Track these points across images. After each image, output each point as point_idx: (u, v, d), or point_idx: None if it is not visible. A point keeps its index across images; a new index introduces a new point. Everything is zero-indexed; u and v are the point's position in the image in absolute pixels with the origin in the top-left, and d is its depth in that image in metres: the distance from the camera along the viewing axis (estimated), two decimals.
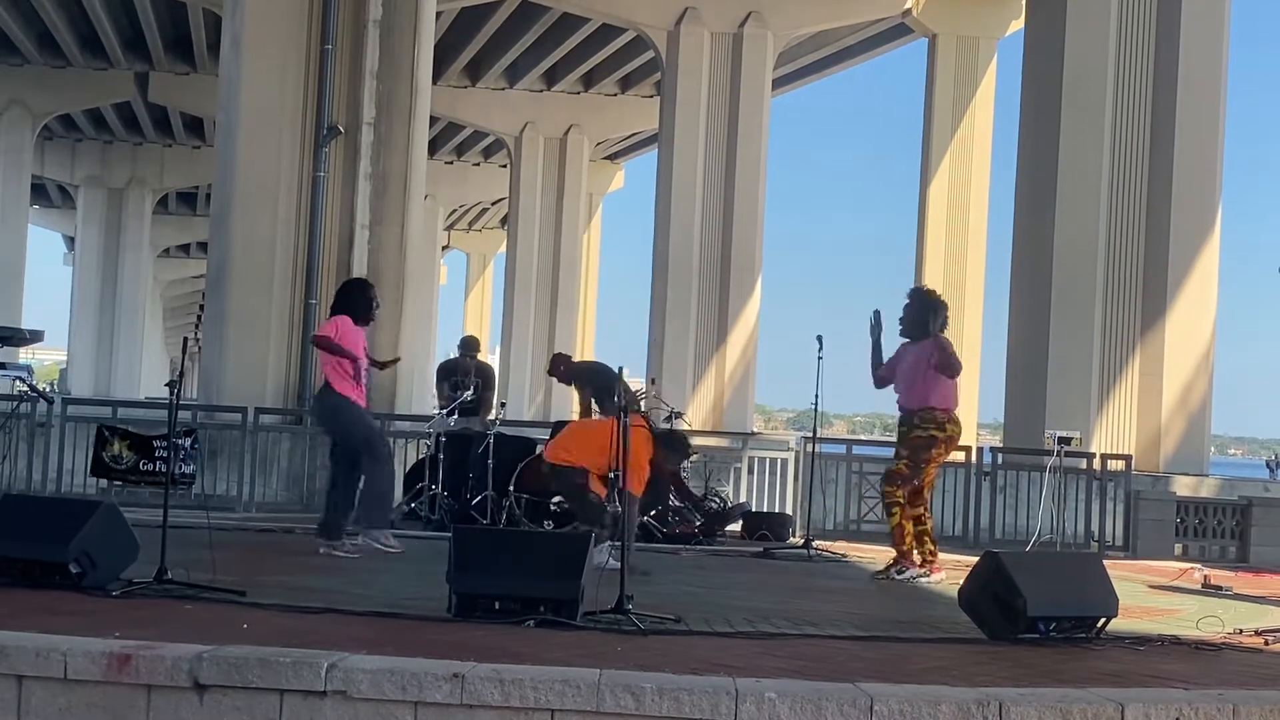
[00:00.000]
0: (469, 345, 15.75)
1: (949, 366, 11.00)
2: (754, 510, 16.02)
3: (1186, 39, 18.02)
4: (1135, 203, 18.05)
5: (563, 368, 15.43)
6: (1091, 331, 17.97)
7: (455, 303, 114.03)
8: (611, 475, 10.96)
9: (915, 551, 11.25)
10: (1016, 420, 18.56)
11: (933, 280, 30.07)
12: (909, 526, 11.22)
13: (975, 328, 30.73)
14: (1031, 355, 18.38)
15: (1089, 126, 18.06)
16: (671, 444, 11.94)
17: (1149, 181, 18.06)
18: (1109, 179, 18.05)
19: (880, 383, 11.42)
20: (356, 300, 11.32)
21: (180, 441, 12.96)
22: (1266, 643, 8.17)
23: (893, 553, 11.43)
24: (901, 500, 11.21)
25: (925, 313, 11.25)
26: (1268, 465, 42.67)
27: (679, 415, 15.37)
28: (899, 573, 11.10)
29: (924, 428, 11.10)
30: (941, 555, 13.43)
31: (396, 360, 12.57)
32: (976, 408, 30.63)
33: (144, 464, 13.60)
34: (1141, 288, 18.02)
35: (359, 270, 17.63)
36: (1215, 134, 18.26)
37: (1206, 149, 18.17)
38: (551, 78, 38.67)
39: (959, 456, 16.38)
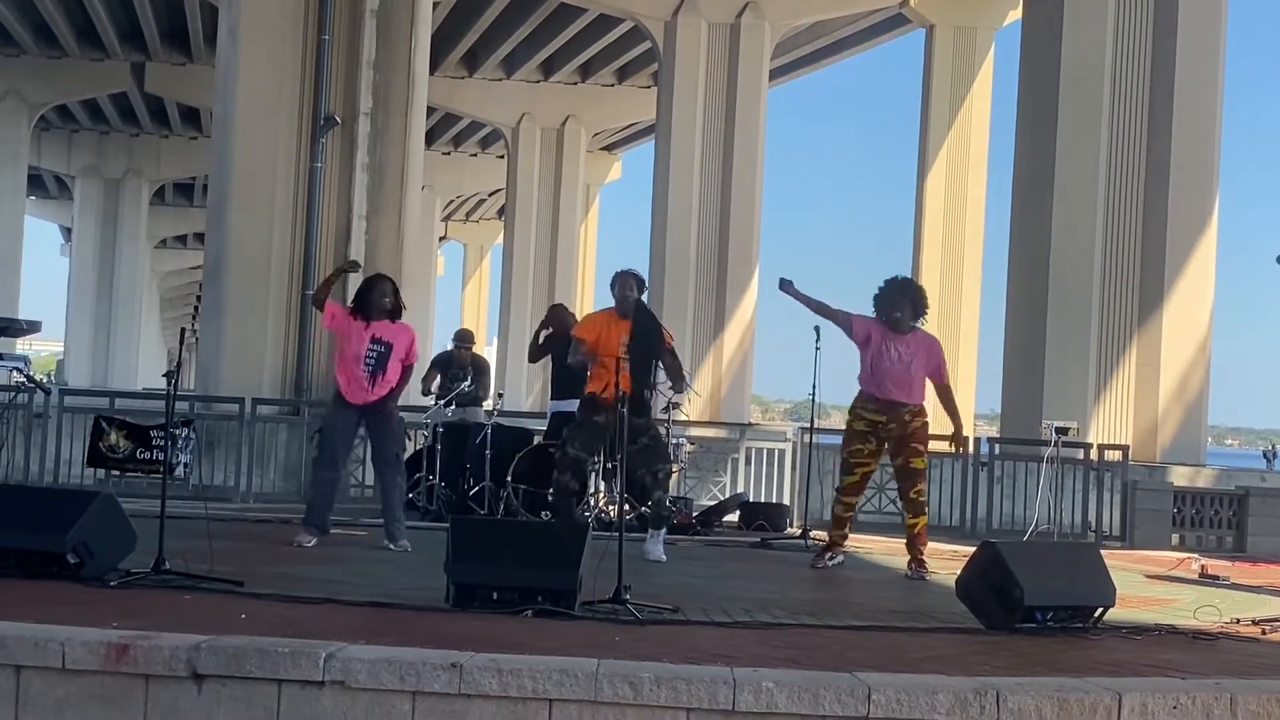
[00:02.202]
0: (463, 338, 15.70)
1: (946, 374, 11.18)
2: (751, 501, 16.02)
3: (1184, 29, 18.00)
4: (1133, 193, 18.04)
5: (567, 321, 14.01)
6: (1089, 322, 17.97)
7: (452, 293, 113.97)
8: (610, 465, 10.98)
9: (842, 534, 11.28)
10: (1014, 411, 18.57)
11: (930, 270, 30.12)
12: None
13: (972, 318, 30.74)
14: (1029, 346, 18.38)
15: (1086, 117, 18.05)
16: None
17: (1146, 172, 18.04)
18: (1106, 170, 18.04)
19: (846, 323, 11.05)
20: (360, 295, 11.30)
21: (177, 432, 12.95)
22: (1264, 632, 8.18)
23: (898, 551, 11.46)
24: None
25: (921, 302, 11.15)
26: (1264, 455, 42.68)
27: (676, 406, 15.35)
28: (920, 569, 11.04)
29: (919, 418, 11.05)
30: (939, 545, 13.49)
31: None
32: (974, 398, 30.65)
33: (141, 454, 13.57)
34: (1139, 278, 18.01)
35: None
36: (1213, 124, 18.25)
37: (1204, 139, 18.16)
38: (549, 68, 38.65)
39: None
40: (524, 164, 40.86)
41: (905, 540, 11.11)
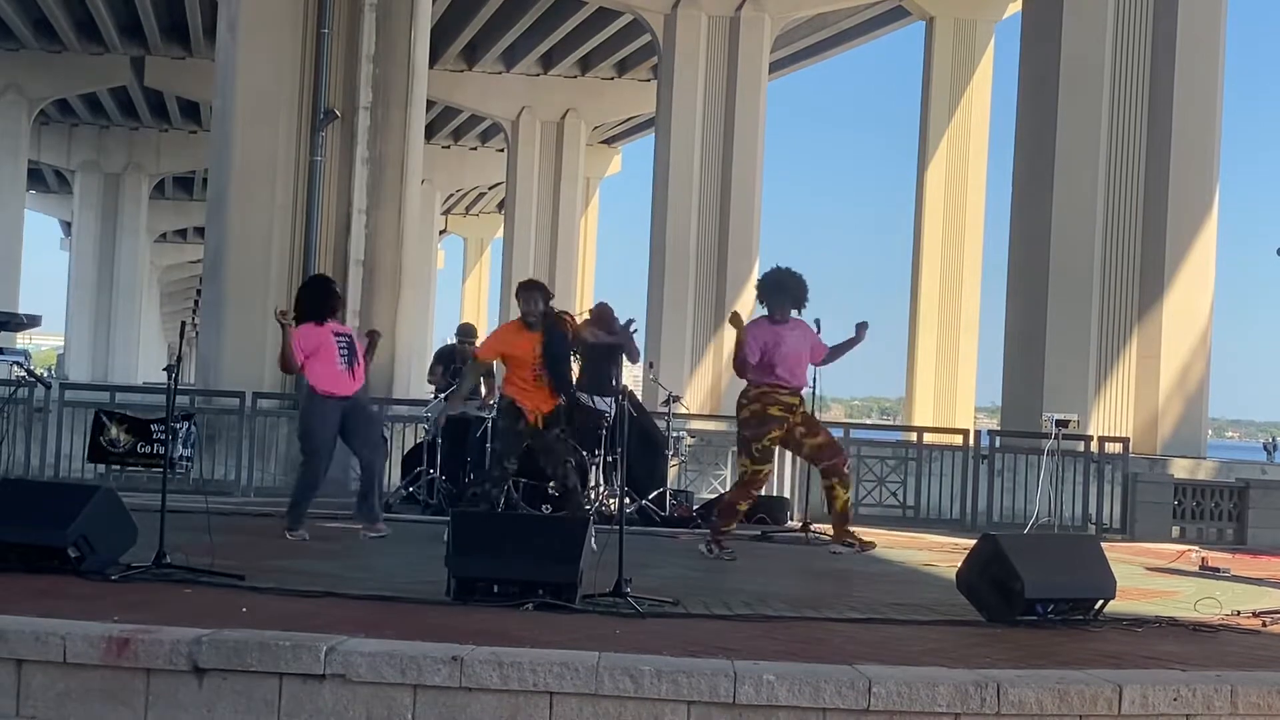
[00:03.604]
0: (466, 332, 15.86)
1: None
2: None
3: (1184, 19, 17.99)
4: (1133, 185, 18.04)
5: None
6: (1089, 314, 17.97)
7: (453, 287, 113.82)
8: (610, 459, 11.00)
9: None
10: (1014, 403, 18.57)
11: (930, 263, 30.08)
12: None
13: (973, 311, 30.70)
14: (1029, 338, 18.38)
15: (1086, 109, 18.04)
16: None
17: (1146, 164, 18.04)
18: (1106, 162, 18.03)
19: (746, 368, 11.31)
20: (302, 302, 11.38)
21: (178, 426, 12.97)
22: (1264, 624, 8.19)
23: (856, 532, 11.63)
24: None
25: (803, 294, 11.28)
26: (1265, 448, 42.71)
27: (677, 399, 15.36)
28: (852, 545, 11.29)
29: (804, 402, 11.31)
30: (940, 538, 13.51)
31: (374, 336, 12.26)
32: (974, 391, 30.64)
33: (142, 448, 13.62)
34: (1139, 271, 18.01)
35: (356, 254, 17.64)
36: (1213, 117, 18.24)
37: (1204, 131, 18.15)
38: (548, 61, 38.60)
39: (957, 440, 16.43)
40: (524, 157, 40.83)
41: (835, 519, 11.51)
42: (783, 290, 11.22)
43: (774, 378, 11.10)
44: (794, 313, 11.30)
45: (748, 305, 29.55)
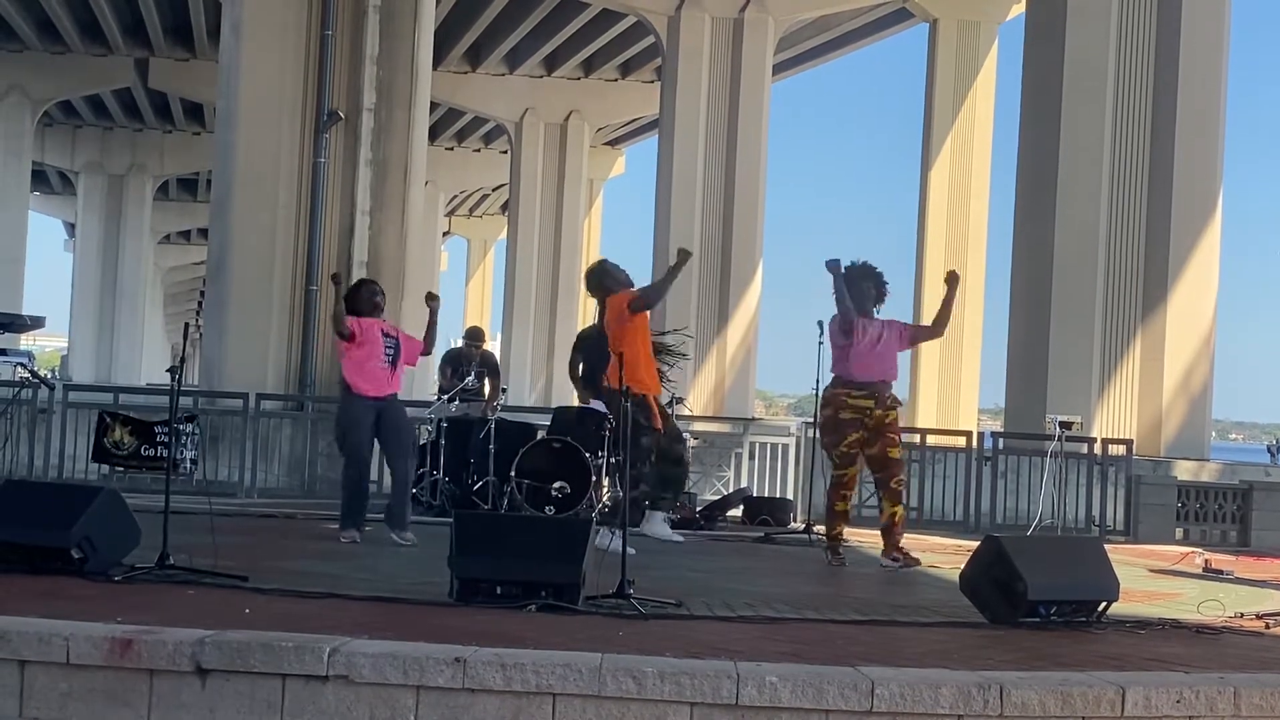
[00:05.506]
0: (474, 335, 15.98)
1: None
2: (755, 495, 16.03)
3: (1187, 23, 17.98)
4: (1136, 188, 18.03)
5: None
6: (1093, 316, 17.96)
7: (456, 289, 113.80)
8: (613, 460, 10.97)
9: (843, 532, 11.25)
10: (1018, 405, 18.56)
11: (934, 264, 30.03)
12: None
13: (976, 312, 30.66)
14: (1033, 340, 18.37)
15: (1090, 112, 18.04)
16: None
17: (1150, 167, 18.03)
18: (1110, 164, 18.02)
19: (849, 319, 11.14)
20: (351, 298, 11.36)
21: (181, 427, 12.99)
22: (1267, 626, 8.18)
23: (881, 542, 11.45)
24: None
25: (884, 284, 11.27)
26: (1269, 450, 42.59)
27: (680, 400, 15.36)
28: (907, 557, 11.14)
29: (894, 408, 11.13)
30: (943, 540, 13.50)
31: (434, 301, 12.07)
32: (978, 393, 30.63)
33: (145, 450, 13.66)
34: (1143, 273, 18.00)
35: (359, 256, 17.64)
36: (1216, 119, 18.23)
37: (1208, 134, 18.13)
38: (552, 63, 38.62)
39: (960, 441, 16.43)
40: (527, 159, 40.84)
41: (882, 530, 11.16)
42: (866, 278, 11.12)
43: (846, 373, 11.00)
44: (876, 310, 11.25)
45: (749, 306, 29.63)
